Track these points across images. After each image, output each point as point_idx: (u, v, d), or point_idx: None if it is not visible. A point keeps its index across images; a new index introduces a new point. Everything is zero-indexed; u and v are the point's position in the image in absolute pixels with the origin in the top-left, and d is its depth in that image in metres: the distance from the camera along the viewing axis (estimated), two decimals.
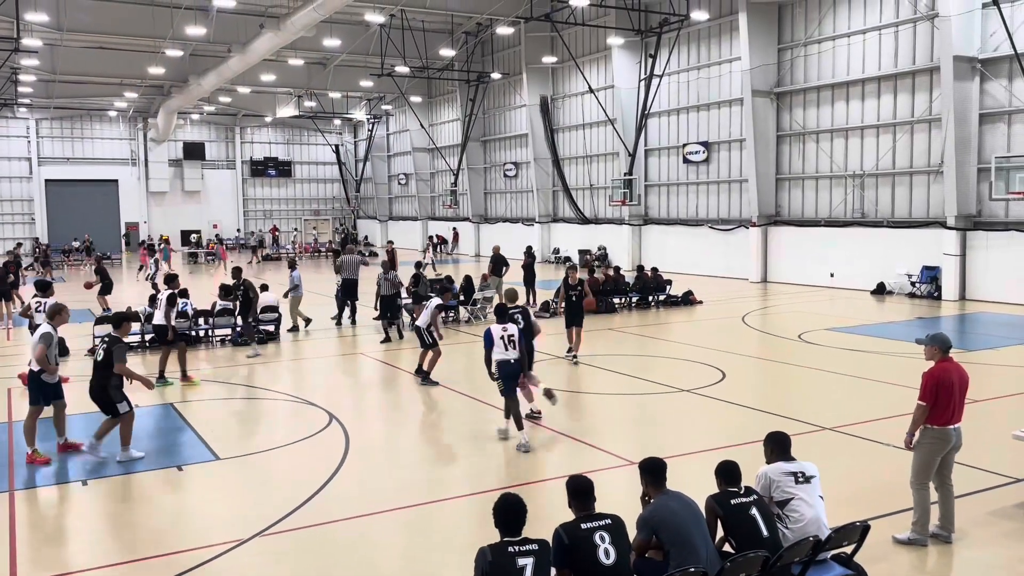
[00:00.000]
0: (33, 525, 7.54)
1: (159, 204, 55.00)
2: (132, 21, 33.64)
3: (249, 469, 9.04)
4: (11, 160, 51.27)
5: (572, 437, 10.08)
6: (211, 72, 37.52)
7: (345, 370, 15.20)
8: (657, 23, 29.98)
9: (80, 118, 52.54)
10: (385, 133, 56.14)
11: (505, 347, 9.75)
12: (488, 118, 44.43)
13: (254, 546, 6.87)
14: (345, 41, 36.60)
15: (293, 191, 59.96)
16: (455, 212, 46.97)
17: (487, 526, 4.93)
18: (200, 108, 51.81)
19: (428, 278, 20.43)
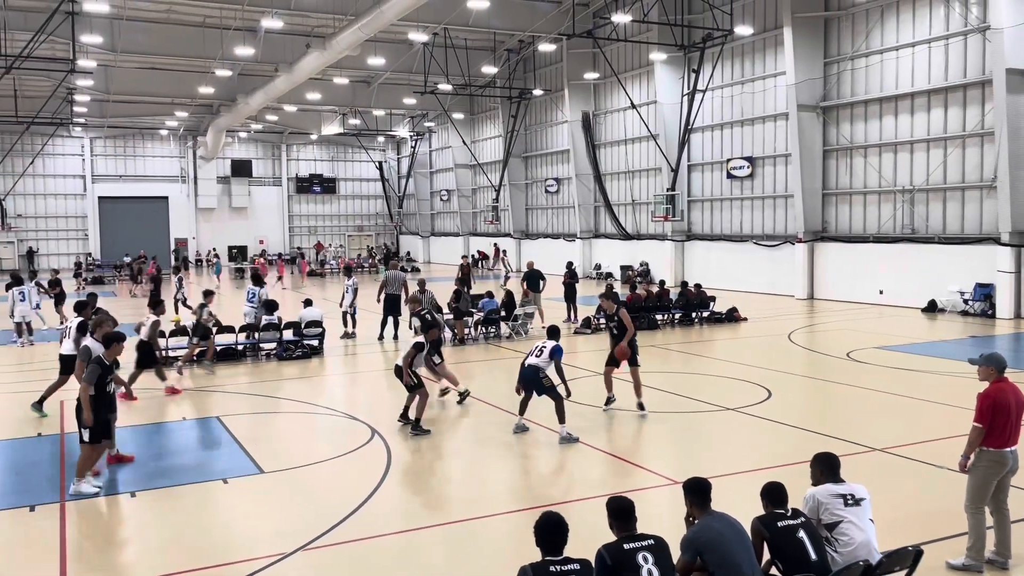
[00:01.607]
0: (83, 536, 7.68)
1: (207, 220, 56.15)
2: (183, 42, 34.60)
3: (292, 483, 9.11)
4: (66, 178, 52.83)
5: (614, 455, 9.98)
6: (259, 91, 38.30)
7: (387, 385, 15.27)
8: (700, 38, 29.85)
9: (132, 137, 53.97)
10: (428, 150, 56.66)
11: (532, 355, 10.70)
12: (530, 134, 44.59)
13: (298, 560, 6.91)
14: (389, 59, 37.13)
15: (337, 207, 60.77)
16: (496, 228, 47.14)
17: (528, 544, 4.89)
18: (247, 126, 52.90)
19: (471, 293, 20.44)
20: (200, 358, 16.04)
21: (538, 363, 10.52)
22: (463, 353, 17.81)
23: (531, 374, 10.52)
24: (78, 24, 28.76)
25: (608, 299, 12.11)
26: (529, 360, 10.62)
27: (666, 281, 25.65)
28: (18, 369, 16.68)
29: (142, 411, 12.40)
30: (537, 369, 10.51)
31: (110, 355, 8.95)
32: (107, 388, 8.81)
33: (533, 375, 10.51)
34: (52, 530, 7.65)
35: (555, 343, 10.74)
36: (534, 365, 10.54)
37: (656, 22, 30.14)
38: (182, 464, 10.00)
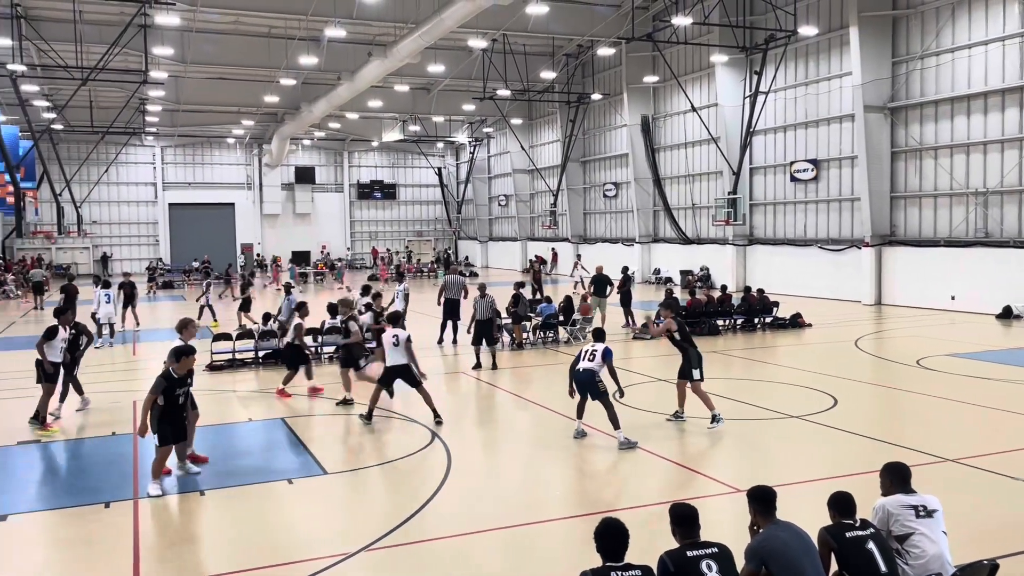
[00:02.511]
0: (154, 532, 7.92)
1: (272, 226, 57.43)
2: (250, 52, 35.51)
3: (355, 484, 9.25)
4: (138, 185, 54.68)
5: (674, 462, 9.87)
6: (322, 99, 39.05)
7: (447, 389, 15.39)
8: (763, 39, 29.37)
9: (200, 145, 55.57)
10: (486, 155, 56.98)
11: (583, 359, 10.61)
12: (588, 138, 44.47)
13: (360, 560, 7.01)
14: (449, 66, 37.46)
15: (397, 213, 61.53)
16: (554, 233, 47.11)
17: (587, 550, 4.87)
18: (311, 134, 53.98)
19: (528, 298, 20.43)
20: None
21: (593, 367, 10.48)
22: (521, 357, 17.84)
23: (587, 378, 10.48)
24: (150, 36, 29.76)
25: (668, 309, 11.84)
26: (583, 364, 10.56)
27: (728, 286, 25.25)
28: (97, 369, 17.28)
29: (210, 412, 12.72)
30: (593, 373, 10.48)
31: (181, 368, 8.91)
32: (178, 400, 8.87)
33: (589, 379, 10.48)
34: (126, 526, 7.91)
35: (604, 345, 10.73)
36: (589, 369, 10.49)
37: (717, 24, 29.79)
38: (249, 464, 10.24)
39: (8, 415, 12.44)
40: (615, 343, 19.73)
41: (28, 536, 7.96)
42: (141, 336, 21.95)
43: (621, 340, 20.31)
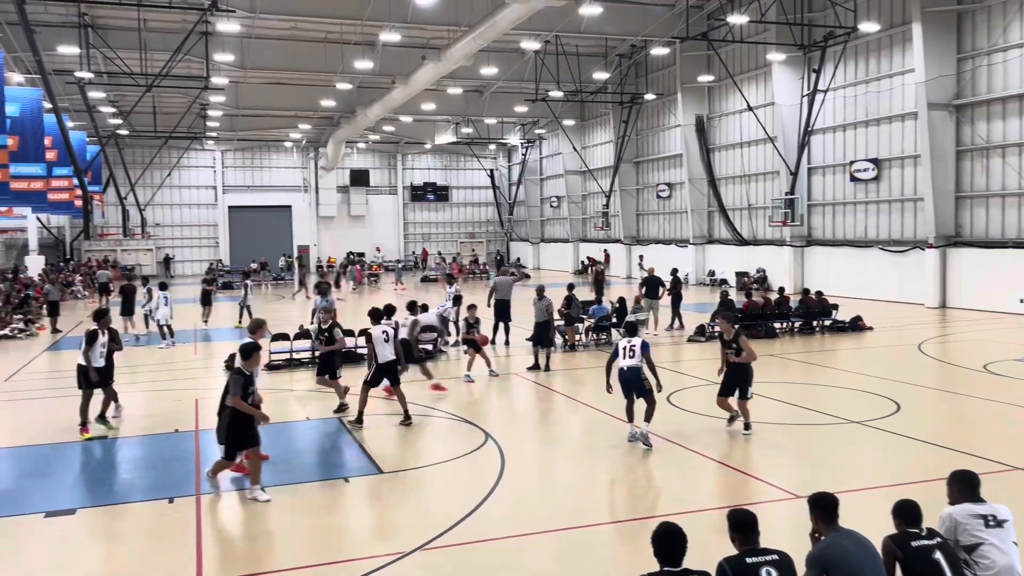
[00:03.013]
0: (216, 528, 8.11)
1: (328, 228, 58.34)
2: (307, 57, 36.17)
3: (410, 483, 9.33)
4: (199, 189, 56.07)
5: (729, 466, 9.73)
6: (376, 103, 39.55)
7: (500, 390, 15.43)
8: (822, 37, 28.80)
9: (259, 149, 56.74)
10: (538, 157, 56.99)
11: (624, 356, 10.44)
12: (641, 139, 44.15)
13: (415, 559, 7.07)
14: (501, 68, 37.58)
15: (450, 215, 61.94)
16: (607, 234, 46.87)
17: (641, 554, 4.82)
18: (366, 137, 54.71)
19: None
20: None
21: (636, 363, 10.34)
22: (573, 359, 17.79)
23: (633, 376, 10.34)
24: (211, 43, 30.56)
25: (727, 320, 11.07)
26: (626, 363, 10.38)
27: (785, 288, 24.78)
28: (159, 368, 17.78)
29: (268, 410, 12.95)
30: (639, 370, 10.35)
31: (249, 366, 8.90)
32: (249, 399, 8.79)
33: (635, 377, 10.34)
34: (189, 521, 8.11)
35: (641, 339, 10.61)
36: (635, 367, 10.35)
37: (774, 22, 29.30)
38: (307, 462, 10.41)
39: (76, 412, 12.80)
40: (664, 345, 19.59)
41: (95, 529, 8.22)
42: (201, 336, 22.50)
43: (670, 343, 20.11)
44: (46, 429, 12.00)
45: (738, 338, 10.76)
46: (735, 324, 11.11)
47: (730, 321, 11.02)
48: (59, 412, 12.45)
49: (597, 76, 38.81)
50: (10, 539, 7.77)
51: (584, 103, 45.20)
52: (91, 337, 11.60)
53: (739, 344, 10.72)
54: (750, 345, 10.84)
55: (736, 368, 10.76)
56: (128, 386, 14.44)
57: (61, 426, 11.92)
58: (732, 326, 10.93)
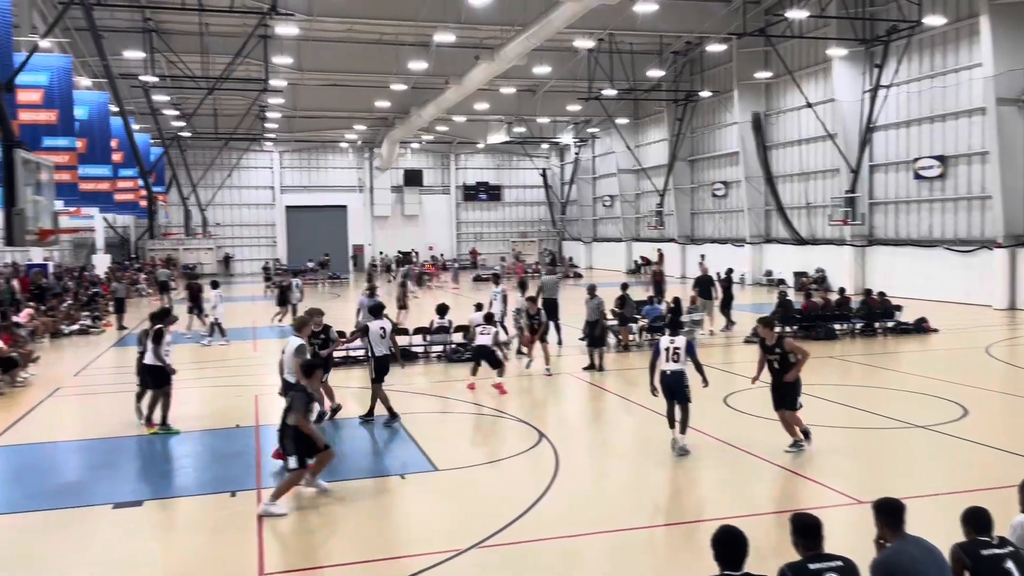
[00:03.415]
0: (276, 522, 8.25)
1: (382, 227, 59.00)
2: (362, 59, 36.62)
3: (465, 481, 9.37)
4: (258, 189, 57.22)
5: (788, 469, 9.55)
6: (430, 103, 39.85)
7: (553, 390, 15.42)
8: (884, 31, 28.08)
9: (315, 150, 57.66)
10: (591, 156, 56.76)
11: (667, 358, 10.09)
12: (696, 137, 43.63)
13: (471, 557, 7.10)
14: (554, 67, 37.51)
15: (502, 214, 62.08)
16: (660, 233, 46.45)
17: (700, 557, 4.76)
18: (419, 137, 55.17)
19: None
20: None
21: (681, 367, 10.07)
22: (627, 359, 17.66)
23: (676, 381, 10.08)
24: (270, 46, 31.15)
25: (767, 327, 10.22)
26: (669, 366, 10.08)
27: (846, 288, 24.19)
28: (220, 365, 18.21)
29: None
30: (683, 375, 10.08)
31: (314, 383, 8.90)
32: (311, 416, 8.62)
33: (679, 382, 10.08)
34: (250, 515, 8.28)
35: (685, 339, 10.31)
36: (678, 371, 10.06)
37: (835, 16, 28.67)
38: (363, 459, 10.56)
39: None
40: (718, 346, 19.32)
41: (162, 521, 8.45)
42: (257, 333, 22.96)
43: (725, 344, 19.83)
44: (112, 423, 12.38)
45: (781, 343, 10.03)
46: (775, 327, 10.50)
47: (770, 326, 10.32)
48: (125, 406, 12.80)
49: (651, 74, 38.46)
50: (81, 529, 8.04)
51: (638, 101, 44.83)
52: (158, 335, 11.59)
53: (784, 349, 9.94)
54: (797, 345, 10.20)
55: (779, 381, 10.02)
56: (191, 382, 14.81)
57: (127, 420, 12.28)
58: (773, 331, 10.26)
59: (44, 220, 14.57)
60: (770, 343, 10.07)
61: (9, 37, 17.67)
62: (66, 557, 7.34)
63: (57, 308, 25.34)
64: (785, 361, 9.88)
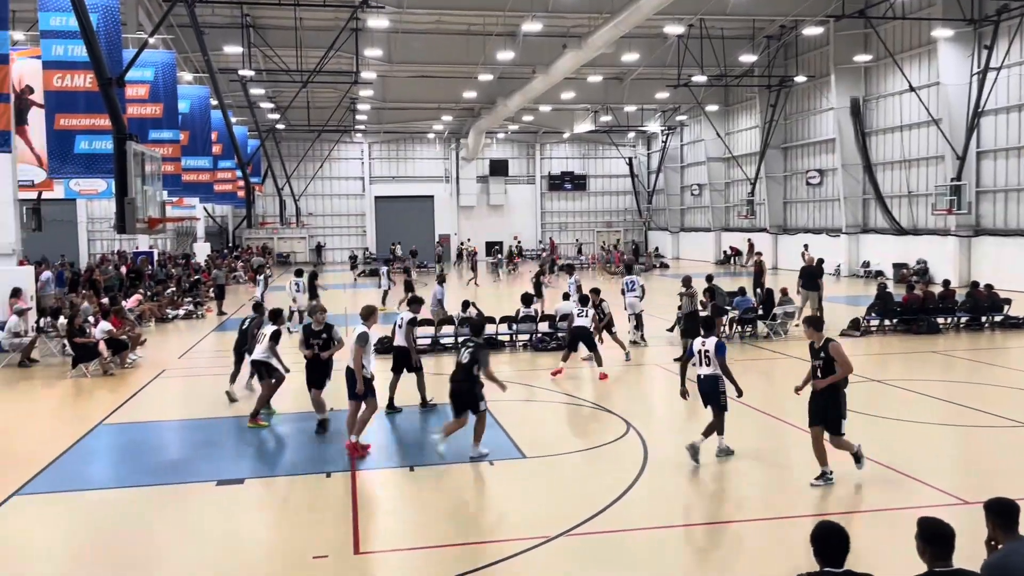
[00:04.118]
0: (370, 503, 8.48)
1: (467, 218, 59.54)
2: (450, 50, 36.94)
3: (553, 469, 9.39)
4: (348, 180, 58.57)
5: (889, 467, 9.18)
6: (516, 93, 39.91)
7: (639, 380, 15.27)
8: (994, 11, 26.56)
9: (403, 141, 58.58)
10: (679, 144, 55.80)
11: (699, 362, 9.54)
12: (790, 124, 42.32)
13: (560, 544, 7.12)
14: (643, 54, 36.98)
15: (587, 204, 61.73)
16: (751, 223, 45.33)
17: (794, 554, 4.62)
18: (505, 127, 55.33)
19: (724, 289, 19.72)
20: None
21: (713, 372, 9.40)
22: None
23: (710, 388, 9.46)
24: (361, 39, 31.73)
25: (811, 327, 9.03)
26: (701, 371, 9.49)
27: (951, 281, 23.05)
28: None
29: (413, 392, 13.43)
30: (716, 380, 9.41)
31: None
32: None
33: (712, 388, 9.45)
34: (345, 495, 8.52)
35: (715, 339, 9.62)
36: (711, 376, 9.42)
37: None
38: (452, 445, 10.65)
39: (241, 388, 13.67)
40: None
41: (262, 498, 8.77)
42: (349, 320, 23.45)
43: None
44: (214, 403, 12.91)
45: (827, 346, 8.66)
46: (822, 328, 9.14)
47: (816, 326, 9.07)
48: (225, 388, 13.31)
49: (743, 59, 37.45)
50: (187, 504, 8.43)
51: (729, 87, 43.76)
52: (276, 336, 11.69)
53: (828, 355, 8.59)
54: (843, 354, 8.59)
55: (824, 390, 8.61)
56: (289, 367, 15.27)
57: (227, 401, 12.79)
58: (820, 332, 8.97)
59: (152, 209, 15.26)
60: (817, 346, 8.81)
61: (119, 35, 18.56)
62: (173, 530, 7.71)
63: (162, 294, 26.59)
64: (829, 369, 8.59)
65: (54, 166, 19.03)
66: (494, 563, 6.75)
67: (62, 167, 18.93)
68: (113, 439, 11.36)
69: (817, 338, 8.82)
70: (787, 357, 16.30)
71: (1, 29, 15.30)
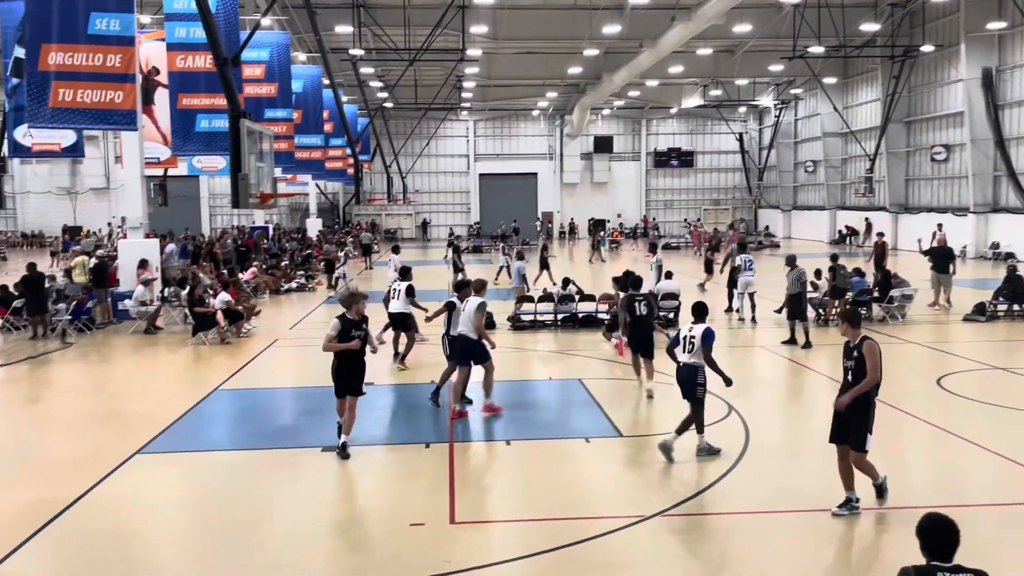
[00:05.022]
0: (467, 474, 8.61)
1: (570, 195, 59.31)
2: (555, 25, 36.62)
3: (650, 449, 9.26)
4: (453, 157, 59.29)
5: (1013, 460, 8.61)
6: (623, 68, 39.27)
7: (743, 362, 14.86)
8: None
9: (508, 118, 58.73)
10: (792, 118, 53.69)
11: (684, 349, 8.80)
12: (914, 97, 40.00)
13: (656, 524, 7.04)
14: (756, 25, 35.64)
15: (694, 181, 60.37)
16: (869, 201, 43.23)
17: (902, 546, 4.38)
18: (610, 103, 54.60)
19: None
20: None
21: (696, 361, 8.64)
22: (827, 335, 16.62)
23: (689, 377, 8.67)
24: (467, 16, 31.86)
25: (847, 321, 7.38)
26: (684, 358, 8.71)
27: None
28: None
29: (513, 369, 13.52)
30: (696, 370, 8.66)
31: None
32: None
33: (691, 378, 8.66)
34: (442, 466, 8.68)
35: (705, 326, 8.82)
36: (692, 365, 8.65)
37: None
38: (549, 420, 10.73)
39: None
40: (933, 323, 17.72)
41: (362, 465, 9.02)
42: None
43: (939, 321, 18.19)
44: (323, 373, 13.28)
45: (862, 345, 7.11)
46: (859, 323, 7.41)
47: (854, 322, 7.33)
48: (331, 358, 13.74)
49: (864, 28, 35.56)
50: (294, 468, 8.78)
51: (848, 59, 41.67)
52: (411, 290, 13.59)
53: (861, 353, 7.08)
54: (876, 358, 7.01)
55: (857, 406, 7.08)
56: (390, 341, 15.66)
57: None
58: (856, 328, 7.27)
59: (265, 185, 15.85)
60: (852, 344, 7.23)
61: (236, 17, 19.29)
62: (280, 493, 8.05)
63: (277, 267, 27.70)
64: (861, 371, 7.03)
65: (177, 144, 20.05)
66: (587, 539, 6.73)
67: (184, 145, 19.92)
68: (228, 404, 11.95)
69: (852, 335, 7.25)
70: (904, 342, 15.51)
71: (128, 12, 16.16)
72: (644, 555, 6.59)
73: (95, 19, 15.80)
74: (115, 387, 13.27)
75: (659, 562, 6.49)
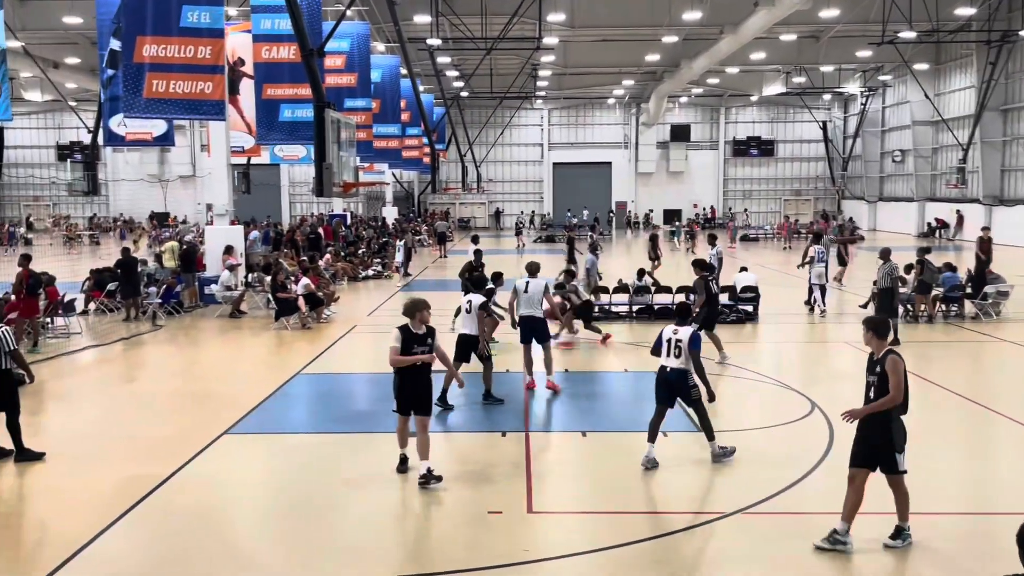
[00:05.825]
0: (542, 463, 8.61)
1: (645, 185, 58.59)
2: (634, 12, 36.15)
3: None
4: (527, 146, 59.24)
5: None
6: (702, 55, 38.53)
7: (824, 358, 14.46)
8: None
9: (582, 107, 58.31)
10: (880, 106, 51.77)
11: (667, 352, 8.28)
12: (1012, 83, 38.10)
13: (735, 521, 6.93)
14: (843, 10, 34.44)
15: (774, 170, 58.88)
16: (961, 192, 41.42)
17: (997, 555, 4.18)
18: (688, 91, 53.64)
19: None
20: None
21: (682, 365, 8.21)
22: (916, 331, 16.01)
23: (679, 381, 8.25)
24: (544, 4, 31.71)
25: (871, 331, 6.53)
26: (671, 362, 8.25)
27: None
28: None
29: (587, 360, 13.46)
30: (684, 374, 8.22)
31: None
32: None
33: (682, 382, 8.25)
34: (519, 454, 8.72)
35: (690, 329, 8.36)
36: (679, 369, 8.21)
37: None
38: (625, 412, 10.66)
39: None
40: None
41: (440, 453, 9.08)
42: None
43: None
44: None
45: (885, 359, 6.35)
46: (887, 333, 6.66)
47: (880, 332, 6.53)
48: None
49: (959, 12, 33.97)
50: (372, 453, 8.93)
51: (941, 44, 39.92)
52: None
53: (884, 369, 6.31)
54: (900, 375, 6.23)
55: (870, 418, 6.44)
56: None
57: None
58: (882, 339, 6.50)
59: (347, 174, 16.16)
60: (876, 357, 6.46)
61: (319, 8, 19.66)
62: (358, 476, 8.21)
63: (355, 255, 28.23)
64: (884, 387, 6.31)
65: (261, 133, 20.59)
66: (665, 534, 6.66)
67: (268, 134, 20.45)
68: (309, 387, 12.25)
69: (877, 347, 6.46)
70: (997, 340, 14.85)
71: (218, 5, 16.64)
72: (723, 552, 6.49)
73: (187, 12, 16.32)
74: (202, 369, 13.76)
75: (738, 560, 6.37)
